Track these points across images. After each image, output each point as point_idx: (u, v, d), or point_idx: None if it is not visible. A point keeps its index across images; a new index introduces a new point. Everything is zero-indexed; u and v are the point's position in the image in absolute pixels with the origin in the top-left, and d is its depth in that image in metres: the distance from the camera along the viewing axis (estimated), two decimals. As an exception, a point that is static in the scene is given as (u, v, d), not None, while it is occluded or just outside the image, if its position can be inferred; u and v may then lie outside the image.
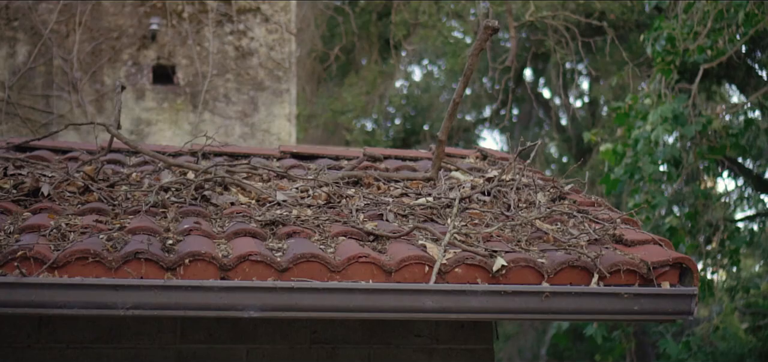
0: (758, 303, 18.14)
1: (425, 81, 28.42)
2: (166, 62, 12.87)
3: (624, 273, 4.68)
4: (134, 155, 6.89)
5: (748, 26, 14.15)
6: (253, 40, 12.92)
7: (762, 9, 14.20)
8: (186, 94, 12.83)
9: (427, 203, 5.52)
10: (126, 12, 12.85)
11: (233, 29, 12.92)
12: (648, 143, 14.24)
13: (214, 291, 4.45)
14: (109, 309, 4.42)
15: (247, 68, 12.91)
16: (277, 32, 12.94)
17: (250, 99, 12.84)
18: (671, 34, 13.87)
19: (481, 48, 6.21)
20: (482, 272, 4.64)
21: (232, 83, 12.87)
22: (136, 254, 4.52)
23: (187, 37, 12.82)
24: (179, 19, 12.86)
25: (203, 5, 12.87)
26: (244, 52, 12.91)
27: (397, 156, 7.31)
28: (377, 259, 4.62)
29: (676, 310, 4.61)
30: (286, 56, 12.95)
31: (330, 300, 4.48)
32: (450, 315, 4.53)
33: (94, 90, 12.69)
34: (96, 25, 12.83)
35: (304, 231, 5.01)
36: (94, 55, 12.79)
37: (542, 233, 5.06)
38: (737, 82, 18.38)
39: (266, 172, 6.16)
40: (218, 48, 12.87)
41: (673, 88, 14.65)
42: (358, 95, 24.55)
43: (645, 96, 14.84)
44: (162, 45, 12.82)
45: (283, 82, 12.90)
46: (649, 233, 5.03)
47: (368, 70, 24.94)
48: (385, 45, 25.17)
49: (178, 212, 5.31)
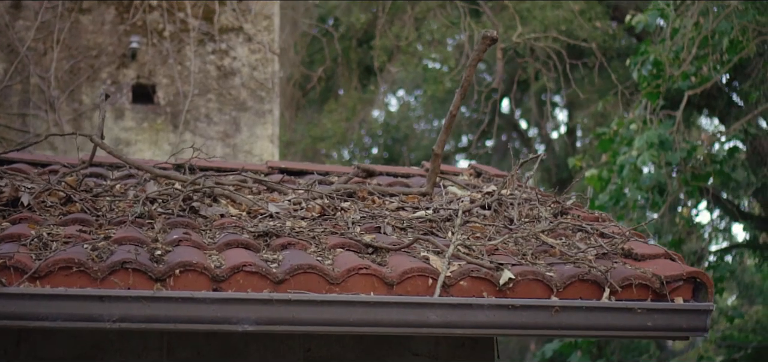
0: (733, 336, 17.99)
1: (402, 111, 28.29)
2: (146, 81, 12.61)
3: (636, 288, 4.47)
4: (117, 169, 6.64)
5: (733, 53, 14.06)
6: (236, 60, 12.68)
7: (746, 36, 14.13)
8: (166, 113, 12.57)
9: (427, 216, 5.29)
10: (105, 30, 12.59)
11: (215, 48, 12.68)
12: (633, 169, 14.10)
13: (206, 303, 4.20)
14: (94, 322, 4.16)
15: (229, 88, 12.66)
16: (260, 52, 12.71)
17: (232, 119, 12.58)
18: (658, 58, 13.75)
19: (480, 59, 6.01)
20: (488, 285, 4.42)
21: (214, 103, 12.62)
22: (124, 264, 4.27)
23: (168, 56, 12.57)
24: (160, 37, 12.61)
25: (185, 24, 12.63)
26: (227, 72, 12.67)
27: (388, 172, 7.09)
28: (378, 271, 4.39)
29: (690, 326, 4.40)
30: (269, 76, 12.71)
31: (329, 314, 4.24)
32: (455, 330, 4.30)
33: (72, 109, 12.41)
34: (74, 43, 12.56)
35: (300, 243, 4.77)
36: (73, 73, 12.51)
37: (548, 247, 4.84)
38: (718, 112, 18.31)
39: (256, 185, 5.92)
40: (200, 67, 12.62)
41: (658, 113, 14.54)
42: (338, 122, 24.36)
43: (630, 122, 14.72)
44: (142, 64, 12.56)
45: (266, 103, 12.66)
46: (659, 247, 4.83)
47: (348, 97, 24.76)
48: (365, 72, 25.03)
49: (165, 223, 5.06)
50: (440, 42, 22.69)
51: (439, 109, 27.44)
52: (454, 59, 21.87)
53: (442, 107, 26.93)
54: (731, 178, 15.55)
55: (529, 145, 26.31)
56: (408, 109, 28.43)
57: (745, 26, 13.99)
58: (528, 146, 26.33)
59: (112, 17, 12.65)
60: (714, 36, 13.97)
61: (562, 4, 18.92)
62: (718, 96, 18.20)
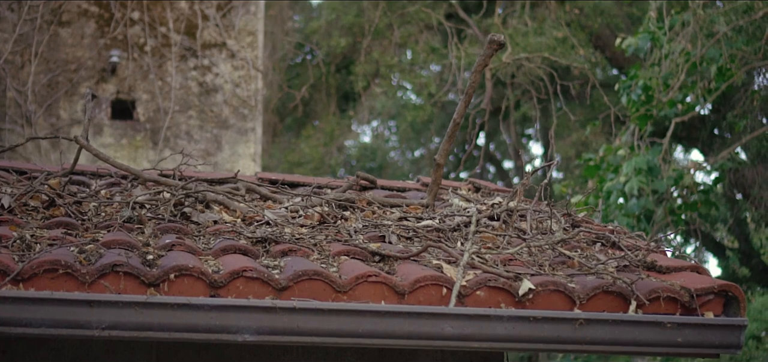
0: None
1: (375, 142, 28.06)
2: (125, 97, 12.27)
3: (664, 301, 4.17)
4: (100, 178, 6.30)
5: (720, 80, 13.89)
6: (218, 76, 12.37)
7: (735, 64, 13.97)
8: (146, 130, 12.22)
9: (434, 225, 4.98)
10: (85, 44, 12.25)
11: (197, 64, 12.36)
12: (621, 195, 13.88)
13: (204, 310, 3.88)
14: (81, 329, 3.83)
15: (210, 105, 12.34)
16: (244, 69, 12.40)
17: (214, 137, 12.25)
18: (647, 83, 13.55)
19: (486, 64, 5.72)
20: (506, 296, 4.11)
21: (195, 120, 12.29)
22: (114, 267, 3.94)
23: (148, 71, 12.24)
24: (141, 52, 12.28)
25: (166, 39, 12.31)
26: (209, 89, 12.35)
27: (383, 186, 6.78)
28: (388, 279, 4.08)
29: (723, 343, 4.11)
30: (252, 94, 12.40)
31: (337, 324, 3.92)
32: (472, 343, 3.99)
33: (49, 124, 12.04)
34: (53, 56, 12.22)
35: (302, 250, 4.45)
36: (50, 87, 12.16)
37: (566, 258, 4.55)
38: (700, 143, 18.17)
39: (249, 194, 5.60)
40: (181, 83, 12.30)
41: (645, 140, 14.35)
42: (316, 147, 24.07)
43: (617, 148, 14.51)
44: (122, 79, 12.23)
45: (248, 121, 12.34)
46: (684, 260, 4.54)
47: (326, 122, 24.49)
48: (343, 98, 24.79)
49: (156, 228, 4.73)
50: (421, 67, 22.46)
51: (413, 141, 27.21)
52: (434, 85, 21.63)
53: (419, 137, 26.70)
54: (717, 207, 15.38)
55: (504, 178, 26.11)
56: (383, 140, 28.20)
57: (733, 54, 13.84)
58: (503, 179, 26.12)
59: (92, 31, 12.32)
60: (702, 63, 13.81)
61: (545, 30, 18.75)
62: (699, 127, 18.06)
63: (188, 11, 12.40)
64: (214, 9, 12.41)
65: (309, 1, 27.40)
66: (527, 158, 26.21)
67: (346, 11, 22.03)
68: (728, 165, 15.24)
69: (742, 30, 13.93)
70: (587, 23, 19.45)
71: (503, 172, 26.64)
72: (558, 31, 18.84)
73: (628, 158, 13.89)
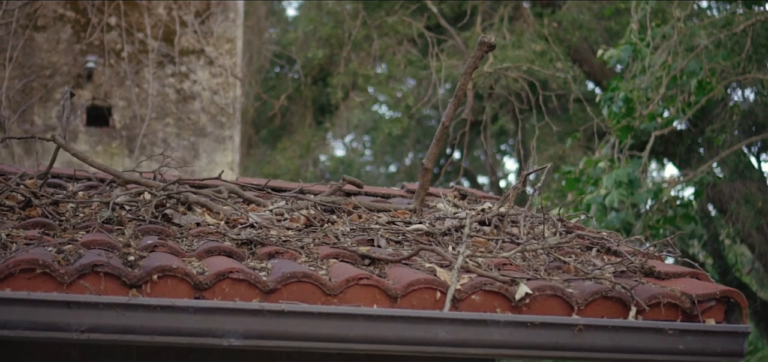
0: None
1: (350, 156, 27.92)
2: (101, 103, 12.05)
3: (664, 308, 4.04)
4: (77, 181, 6.11)
5: (700, 94, 13.85)
6: (196, 83, 12.18)
7: (715, 77, 13.93)
8: (122, 137, 12.01)
9: (424, 229, 4.83)
10: (61, 49, 12.04)
11: (175, 71, 12.16)
12: (601, 208, 13.78)
13: (188, 312, 3.71)
14: (60, 332, 3.65)
15: (188, 112, 12.14)
16: (222, 76, 12.21)
17: (191, 145, 12.05)
18: (628, 95, 13.46)
19: (476, 66, 5.59)
20: (502, 301, 3.97)
21: (172, 127, 12.09)
22: (94, 267, 3.77)
23: (125, 78, 12.04)
24: (118, 58, 12.08)
25: (144, 45, 12.11)
26: (186, 96, 12.15)
27: (367, 192, 6.62)
28: (380, 283, 3.93)
29: (725, 351, 3.97)
30: (231, 102, 12.22)
31: (328, 328, 3.76)
32: (467, 349, 3.84)
33: (23, 130, 11.80)
34: (28, 61, 11.99)
35: (289, 252, 4.29)
36: (25, 93, 11.93)
37: (561, 263, 4.41)
38: (678, 159, 18.13)
39: (232, 197, 5.43)
40: (158, 90, 12.10)
41: (625, 152, 14.28)
42: (292, 159, 23.89)
43: (597, 160, 14.42)
44: (98, 85, 12.02)
45: (226, 129, 12.15)
46: (684, 266, 4.42)
47: (302, 134, 24.33)
48: (319, 110, 24.64)
49: (136, 229, 4.56)
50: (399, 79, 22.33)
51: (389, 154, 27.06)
52: (412, 97, 21.51)
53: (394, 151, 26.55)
54: (696, 221, 15.32)
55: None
56: (358, 154, 28.06)
57: (713, 68, 13.79)
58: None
59: (68, 36, 12.11)
60: (682, 76, 13.75)
61: (524, 43, 18.67)
62: (677, 142, 18.01)
63: (166, 17, 12.22)
64: (193, 15, 12.23)
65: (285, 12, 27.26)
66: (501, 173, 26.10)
67: (323, 22, 21.90)
68: (708, 179, 15.19)
69: (720, 44, 13.90)
70: (565, 37, 19.39)
71: (478, 188, 26.51)
72: (536, 44, 18.78)
73: (609, 171, 13.81)
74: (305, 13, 23.62)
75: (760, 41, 14.34)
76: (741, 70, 14.19)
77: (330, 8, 21.62)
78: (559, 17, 19.24)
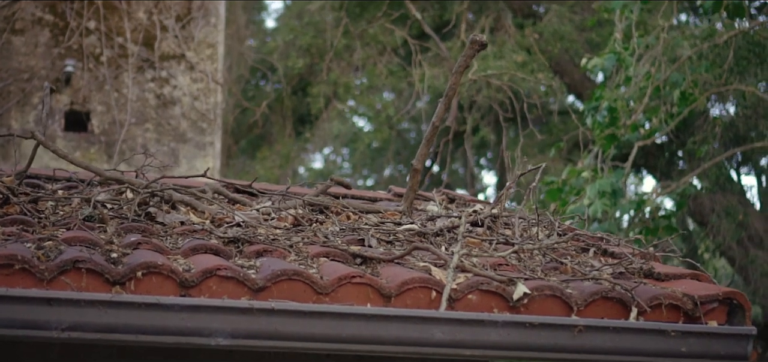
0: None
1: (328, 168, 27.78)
2: (80, 108, 11.87)
3: (666, 309, 3.91)
4: (55, 182, 5.94)
5: (683, 105, 13.79)
6: (177, 89, 12.00)
7: (699, 89, 13.88)
8: (101, 142, 11.82)
9: (415, 229, 4.69)
10: (39, 53, 11.85)
11: (155, 76, 11.99)
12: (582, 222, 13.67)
13: (174, 310, 3.56)
14: (39, 330, 3.49)
15: (168, 118, 11.97)
16: (203, 81, 12.05)
17: (171, 151, 11.88)
18: (612, 105, 13.38)
19: (467, 65, 5.46)
20: (499, 300, 3.83)
21: (152, 133, 11.91)
22: (76, 263, 3.61)
23: (104, 82, 11.86)
24: (97, 62, 11.90)
25: (123, 49, 11.94)
26: (166, 101, 11.98)
27: (353, 195, 6.48)
28: (374, 281, 3.79)
29: (729, 353, 3.85)
30: (212, 107, 12.05)
31: (319, 327, 3.62)
32: (464, 350, 3.70)
33: (-1, 135, 11.59)
34: (5, 65, 11.80)
35: (277, 251, 4.14)
36: (1, 97, 11.74)
37: (558, 263, 4.28)
38: (658, 171, 18.09)
39: (217, 195, 5.28)
40: (138, 95, 11.93)
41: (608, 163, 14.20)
42: (271, 169, 23.72)
43: (580, 171, 14.33)
44: (77, 89, 11.83)
45: (207, 135, 11.98)
46: (683, 268, 4.29)
47: (282, 145, 24.18)
48: (299, 120, 24.51)
49: (119, 227, 4.40)
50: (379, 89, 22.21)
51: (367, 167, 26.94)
52: (393, 107, 21.40)
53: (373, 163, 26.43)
54: (679, 232, 15.25)
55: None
56: (336, 167, 27.92)
57: (696, 79, 13.74)
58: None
59: (47, 39, 11.93)
60: (665, 87, 13.69)
61: (505, 54, 18.59)
62: (657, 154, 17.97)
63: (146, 22, 12.05)
64: (174, 20, 12.07)
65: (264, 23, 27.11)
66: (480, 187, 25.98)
67: (303, 32, 21.77)
68: (691, 190, 15.14)
69: (702, 56, 13.86)
70: (546, 48, 19.33)
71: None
72: (518, 54, 18.71)
73: (592, 181, 13.72)
74: (286, 23, 23.49)
75: (741, 53, 14.31)
76: (723, 82, 14.15)
77: (310, 17, 21.50)
78: (540, 28, 19.18)
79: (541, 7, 20.11)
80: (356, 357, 3.85)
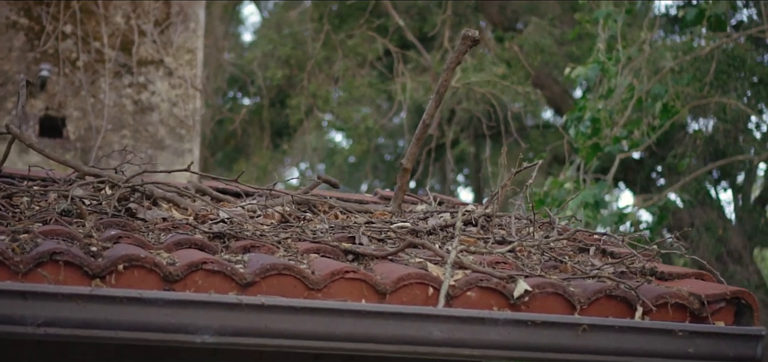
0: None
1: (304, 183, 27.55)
2: (55, 113, 11.62)
3: (671, 308, 3.75)
4: (31, 181, 5.72)
5: (665, 117, 13.70)
6: (154, 95, 11.78)
7: (680, 101, 13.80)
8: (76, 149, 11.58)
9: (408, 227, 4.51)
10: (13, 57, 11.60)
11: (133, 82, 11.76)
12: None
13: (158, 305, 3.36)
14: (14, 325, 3.29)
15: (146, 124, 11.74)
16: (181, 87, 11.83)
17: (149, 158, 11.64)
18: (595, 116, 13.27)
19: (459, 61, 5.30)
20: (499, 298, 3.66)
21: (129, 139, 11.68)
22: (53, 255, 3.41)
23: (80, 88, 11.62)
24: (73, 67, 11.66)
25: (100, 54, 11.71)
26: (144, 107, 11.75)
27: (339, 197, 6.29)
28: (368, 277, 3.60)
29: (737, 355, 3.69)
30: (190, 114, 11.84)
31: (311, 325, 3.43)
32: (462, 350, 3.52)
33: (-28, 140, 11.35)
34: (-22, 69, 11.54)
35: (266, 246, 3.95)
36: (-25, 101, 11.48)
37: (558, 262, 4.11)
38: (637, 185, 18.01)
39: (200, 194, 5.08)
40: (115, 101, 11.70)
41: (591, 174, 14.11)
42: (248, 181, 23.45)
43: (563, 182, 14.22)
44: (52, 94, 11.59)
45: (185, 141, 11.76)
46: (688, 267, 4.13)
47: (259, 157, 23.97)
48: (276, 133, 24.31)
49: (98, 222, 4.20)
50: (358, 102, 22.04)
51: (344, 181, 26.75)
52: (372, 120, 21.24)
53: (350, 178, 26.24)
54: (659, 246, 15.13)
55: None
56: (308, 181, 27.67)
57: (679, 91, 13.67)
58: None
59: (21, 43, 11.67)
60: (647, 99, 13.61)
61: (485, 66, 18.48)
62: (637, 168, 17.88)
63: (124, 26, 11.83)
64: (152, 25, 11.85)
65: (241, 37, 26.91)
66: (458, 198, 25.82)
67: (283, 43, 21.59)
68: (672, 203, 15.06)
69: (683, 68, 13.79)
70: (527, 60, 19.23)
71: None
72: (498, 66, 18.59)
73: (574, 192, 13.61)
74: (264, 34, 23.30)
75: (721, 67, 14.26)
76: (704, 95, 14.08)
77: (290, 28, 21.33)
78: (520, 41, 19.08)
79: (519, 23, 20.02)
80: (350, 356, 3.66)
